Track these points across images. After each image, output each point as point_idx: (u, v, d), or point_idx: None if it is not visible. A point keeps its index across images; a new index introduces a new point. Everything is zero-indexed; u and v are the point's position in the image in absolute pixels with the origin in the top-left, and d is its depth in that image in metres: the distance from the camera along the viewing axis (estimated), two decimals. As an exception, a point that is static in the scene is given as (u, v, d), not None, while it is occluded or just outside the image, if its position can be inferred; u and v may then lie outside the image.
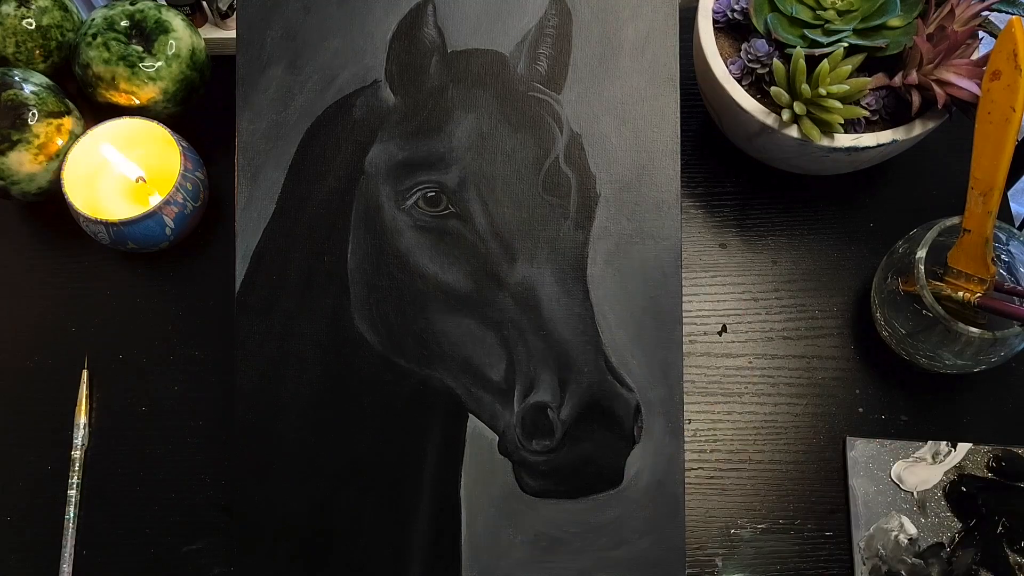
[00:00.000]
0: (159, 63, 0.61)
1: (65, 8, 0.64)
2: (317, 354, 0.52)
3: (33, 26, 0.63)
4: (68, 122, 0.61)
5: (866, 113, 0.55)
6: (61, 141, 0.60)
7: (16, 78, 0.59)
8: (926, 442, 0.58)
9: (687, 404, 0.57)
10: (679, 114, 0.53)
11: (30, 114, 0.59)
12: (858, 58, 0.55)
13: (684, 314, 0.58)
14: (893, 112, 0.57)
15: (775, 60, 0.55)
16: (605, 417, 0.51)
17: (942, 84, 0.54)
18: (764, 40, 0.57)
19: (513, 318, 0.51)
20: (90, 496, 0.59)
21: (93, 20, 0.62)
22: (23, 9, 0.62)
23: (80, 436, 0.59)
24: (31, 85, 0.60)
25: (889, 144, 0.56)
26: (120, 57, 0.60)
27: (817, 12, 0.56)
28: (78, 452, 0.59)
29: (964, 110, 0.54)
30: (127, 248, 0.60)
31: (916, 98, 0.54)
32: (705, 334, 0.62)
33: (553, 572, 0.52)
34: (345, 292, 0.52)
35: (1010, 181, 0.64)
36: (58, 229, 0.65)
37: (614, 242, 0.52)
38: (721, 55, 0.58)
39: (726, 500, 0.58)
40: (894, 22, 0.56)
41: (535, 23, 0.53)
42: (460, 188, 0.52)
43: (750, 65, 0.57)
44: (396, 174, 0.52)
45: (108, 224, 0.58)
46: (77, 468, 0.59)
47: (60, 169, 0.59)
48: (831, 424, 0.59)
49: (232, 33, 0.67)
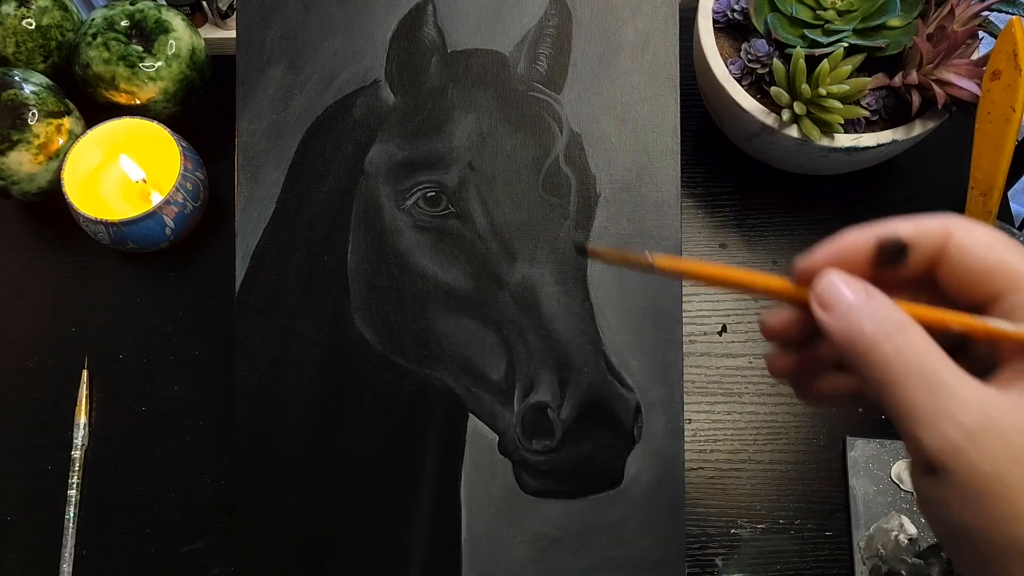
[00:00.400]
0: (159, 63, 0.61)
1: (65, 8, 0.64)
2: (317, 354, 0.52)
3: (33, 26, 0.63)
4: (68, 122, 0.61)
5: (866, 113, 0.55)
6: (61, 141, 0.60)
7: (16, 78, 0.59)
8: (926, 442, 0.58)
9: (687, 404, 0.57)
10: (679, 114, 0.53)
11: (30, 114, 0.59)
12: (858, 58, 0.55)
13: (684, 314, 0.58)
14: (893, 112, 0.57)
15: (775, 60, 0.55)
16: (605, 417, 0.51)
17: (942, 84, 0.54)
18: (764, 40, 0.57)
19: (513, 318, 0.51)
20: (90, 496, 0.59)
21: (93, 20, 0.62)
22: (23, 9, 0.62)
23: (80, 436, 0.59)
24: (31, 85, 0.60)
25: (889, 144, 0.56)
26: (120, 57, 0.60)
27: (817, 12, 0.56)
28: (78, 452, 0.59)
29: (964, 110, 0.54)
30: (127, 248, 0.60)
31: (916, 98, 0.54)
32: (705, 334, 0.62)
33: (553, 572, 0.52)
34: (345, 292, 0.52)
35: (1010, 181, 0.63)
36: (58, 229, 0.65)
37: (614, 242, 0.52)
38: (721, 55, 0.58)
39: (726, 500, 0.58)
40: (894, 22, 0.56)
41: (535, 23, 0.53)
42: (460, 188, 0.52)
43: (750, 65, 0.57)
44: (396, 174, 0.52)
45: (108, 224, 0.58)
46: (77, 468, 0.59)
47: (60, 169, 0.59)
48: (831, 424, 0.59)
49: (232, 33, 0.67)
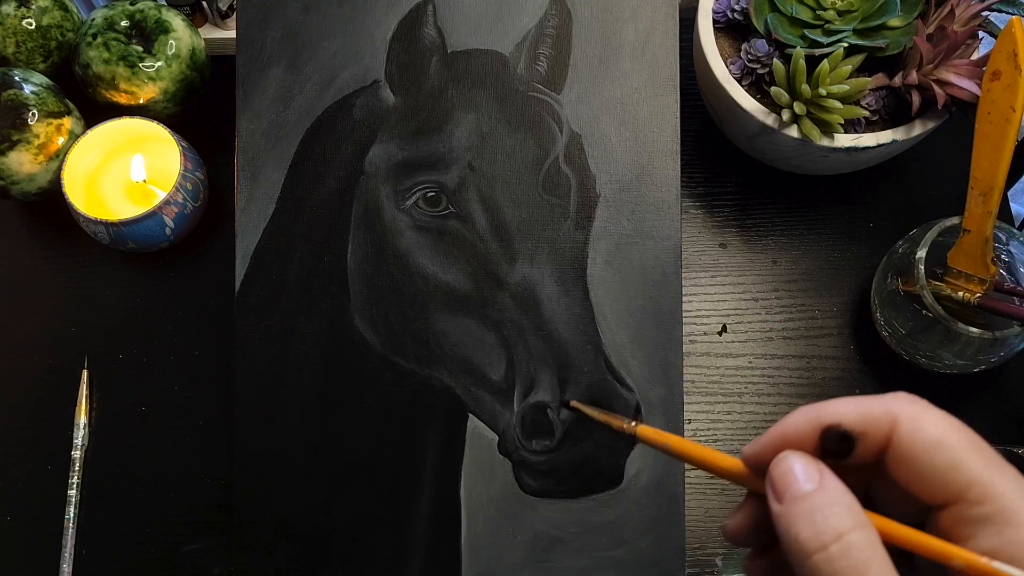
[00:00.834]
0: (159, 63, 0.61)
1: (65, 8, 0.64)
2: (317, 354, 0.52)
3: (33, 26, 0.63)
4: (68, 122, 0.61)
5: (866, 113, 0.55)
6: (61, 141, 0.60)
7: (16, 78, 0.59)
8: (926, 442, 0.58)
9: (687, 404, 0.57)
10: (679, 114, 0.53)
11: (30, 114, 0.59)
12: (858, 58, 0.55)
13: (684, 314, 0.58)
14: (893, 112, 0.57)
15: (775, 60, 0.55)
16: (605, 417, 0.51)
17: (942, 84, 0.54)
18: (764, 40, 0.57)
19: (513, 318, 0.51)
20: (90, 496, 0.59)
21: (93, 20, 0.62)
22: (23, 9, 0.62)
23: (80, 436, 0.59)
24: (31, 85, 0.60)
25: (889, 144, 0.56)
26: (120, 57, 0.60)
27: (817, 12, 0.56)
28: (78, 452, 0.59)
29: (964, 110, 0.54)
30: (127, 248, 0.60)
31: (916, 98, 0.54)
32: (705, 334, 0.62)
33: (553, 572, 0.52)
34: (345, 292, 0.52)
35: (1010, 181, 0.63)
36: (58, 229, 0.65)
37: (614, 242, 0.52)
38: (721, 55, 0.58)
39: (726, 500, 0.58)
40: (894, 22, 0.55)
41: (535, 23, 0.53)
42: (460, 188, 0.52)
43: (750, 65, 0.57)
44: (396, 174, 0.52)
45: (108, 224, 0.58)
46: (77, 468, 0.59)
47: (60, 169, 0.59)
48: (831, 424, 0.59)
49: (232, 33, 0.67)
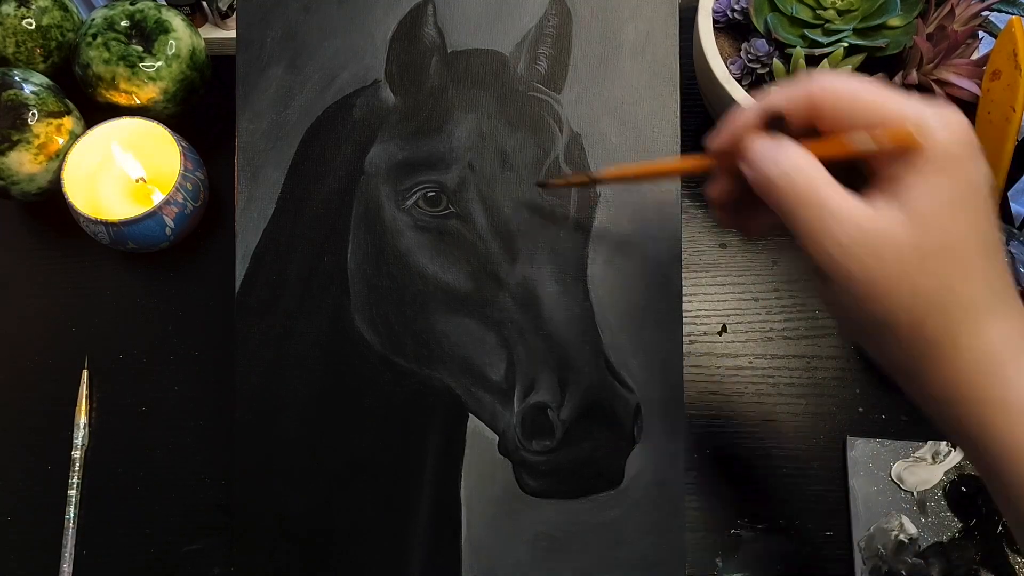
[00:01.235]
0: (159, 63, 0.61)
1: (65, 8, 0.64)
2: (317, 354, 0.52)
3: (33, 26, 0.63)
4: (68, 122, 0.61)
5: (866, 113, 0.55)
6: (61, 141, 0.60)
7: (16, 78, 0.59)
8: (926, 442, 0.58)
9: (687, 404, 0.57)
10: (679, 114, 0.53)
11: (30, 114, 0.59)
12: (858, 58, 0.55)
13: (684, 314, 0.58)
14: (893, 112, 0.56)
15: (775, 60, 0.55)
16: (605, 417, 0.51)
17: (942, 84, 0.54)
18: (764, 40, 0.57)
19: (513, 318, 0.51)
20: (90, 496, 0.59)
21: (93, 20, 0.62)
22: (23, 9, 0.62)
23: (80, 436, 0.59)
24: (31, 85, 0.60)
25: (889, 144, 0.55)
26: (120, 57, 0.60)
27: (817, 12, 0.56)
28: (78, 452, 0.59)
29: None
30: (127, 248, 0.60)
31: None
32: (705, 334, 0.62)
33: (553, 572, 0.51)
34: (345, 292, 0.52)
35: (1010, 181, 0.63)
36: (58, 229, 0.65)
37: (614, 242, 0.52)
38: (721, 55, 0.58)
39: (726, 500, 0.58)
40: (894, 22, 0.56)
41: (535, 23, 0.53)
42: (460, 188, 0.52)
43: (750, 65, 0.57)
44: (396, 174, 0.52)
45: (108, 224, 0.58)
46: (77, 468, 0.59)
47: (60, 169, 0.59)
48: (831, 424, 0.59)
49: (232, 33, 0.67)
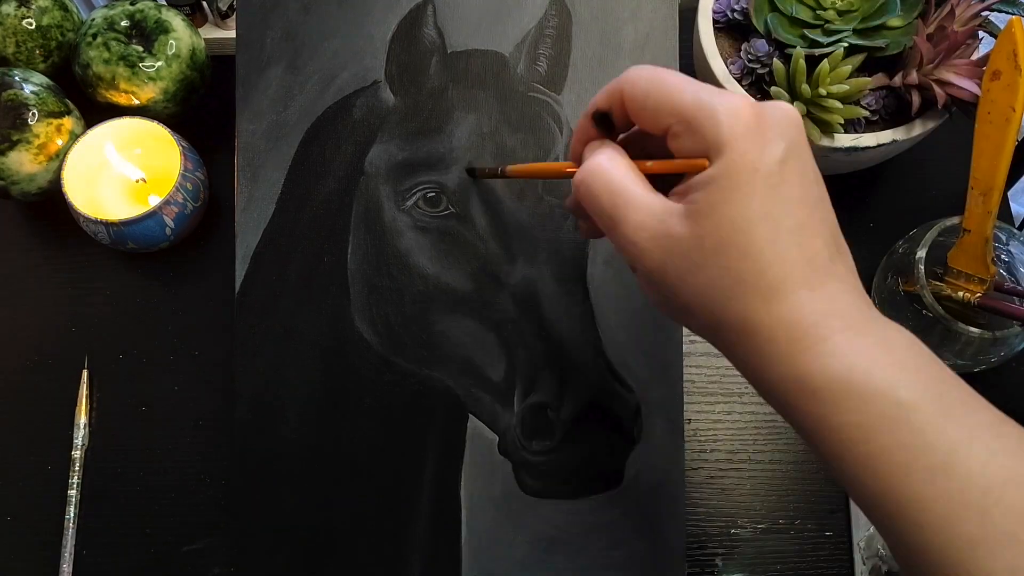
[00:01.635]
0: (159, 63, 0.61)
1: (65, 8, 0.64)
2: (317, 354, 0.52)
3: (33, 26, 0.63)
4: (68, 122, 0.61)
5: (866, 113, 0.55)
6: (61, 141, 0.60)
7: (16, 78, 0.59)
8: (926, 442, 0.58)
9: (687, 404, 0.57)
10: (679, 114, 0.53)
11: (30, 114, 0.59)
12: (858, 58, 0.55)
13: (684, 314, 0.57)
14: (893, 112, 0.57)
15: (775, 60, 0.55)
16: (605, 417, 0.51)
17: (942, 84, 0.54)
18: (764, 40, 0.57)
19: (513, 318, 0.51)
20: (90, 496, 0.59)
21: (93, 20, 0.62)
22: (23, 9, 0.62)
23: (80, 436, 0.59)
24: (31, 85, 0.60)
25: (889, 144, 0.55)
26: (120, 57, 0.60)
27: (817, 12, 0.56)
28: (78, 452, 0.59)
29: (964, 110, 0.54)
30: (127, 248, 0.60)
31: (916, 98, 0.54)
32: (705, 334, 0.62)
33: (553, 572, 0.52)
34: (345, 292, 0.52)
35: (1010, 181, 0.63)
36: (58, 229, 0.65)
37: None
38: (721, 55, 0.58)
39: (726, 500, 0.58)
40: (894, 22, 0.55)
41: (535, 23, 0.53)
42: (460, 188, 0.52)
43: (750, 65, 0.57)
44: (396, 174, 0.52)
45: (108, 224, 0.58)
46: (77, 468, 0.59)
47: (60, 169, 0.59)
48: (831, 424, 0.59)
49: (232, 33, 0.67)
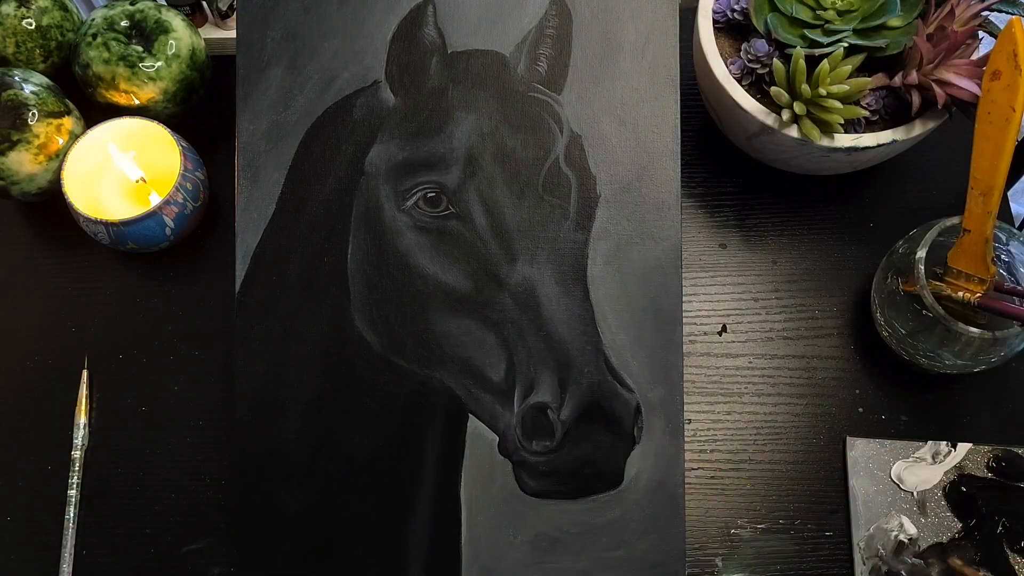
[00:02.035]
0: (159, 63, 0.61)
1: (65, 8, 0.64)
2: (317, 354, 0.52)
3: (33, 26, 0.63)
4: (68, 122, 0.61)
5: (866, 113, 0.55)
6: (61, 141, 0.60)
7: (16, 78, 0.59)
8: (926, 442, 0.58)
9: (687, 404, 0.57)
10: (679, 114, 0.53)
11: (30, 114, 0.59)
12: (858, 58, 0.55)
13: (684, 314, 0.58)
14: (893, 112, 0.57)
15: (775, 60, 0.55)
16: (605, 417, 0.51)
17: (942, 84, 0.54)
18: (764, 40, 0.57)
19: (513, 318, 0.51)
20: (90, 496, 0.59)
21: (93, 20, 0.62)
22: (23, 9, 0.62)
23: (80, 436, 0.59)
24: (31, 85, 0.60)
25: (889, 144, 0.56)
26: (120, 57, 0.60)
27: (817, 12, 0.56)
28: (78, 452, 0.59)
29: (964, 110, 0.54)
30: (127, 248, 0.60)
31: (916, 98, 0.54)
32: (705, 334, 0.62)
33: (553, 572, 0.52)
34: (345, 292, 0.52)
35: (1010, 181, 0.63)
36: (58, 229, 0.65)
37: (614, 242, 0.52)
38: (721, 55, 0.58)
39: (726, 500, 0.58)
40: (894, 22, 0.55)
41: (535, 24, 0.53)
42: (460, 188, 0.52)
43: (750, 65, 0.57)
44: (396, 174, 0.52)
45: (108, 224, 0.58)
46: (77, 468, 0.59)
47: (60, 169, 0.59)
48: (831, 424, 0.59)
49: (232, 33, 0.67)
